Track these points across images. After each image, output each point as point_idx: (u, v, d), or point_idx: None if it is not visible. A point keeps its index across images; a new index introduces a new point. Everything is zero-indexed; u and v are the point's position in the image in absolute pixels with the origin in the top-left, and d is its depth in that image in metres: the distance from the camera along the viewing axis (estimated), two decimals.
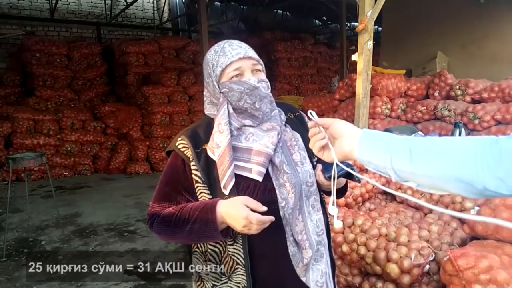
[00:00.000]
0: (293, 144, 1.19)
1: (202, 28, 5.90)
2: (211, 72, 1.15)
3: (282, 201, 1.13)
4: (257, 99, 1.13)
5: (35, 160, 4.04)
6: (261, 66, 1.18)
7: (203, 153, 1.14)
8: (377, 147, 0.82)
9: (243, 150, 1.13)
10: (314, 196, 1.20)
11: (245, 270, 1.12)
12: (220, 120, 1.13)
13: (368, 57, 3.35)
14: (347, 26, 11.96)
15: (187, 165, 1.16)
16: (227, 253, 1.15)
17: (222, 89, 1.14)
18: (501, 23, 5.09)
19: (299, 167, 1.17)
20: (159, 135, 8.05)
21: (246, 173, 1.12)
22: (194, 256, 1.23)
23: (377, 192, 2.92)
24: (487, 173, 0.68)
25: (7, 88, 8.07)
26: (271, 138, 1.14)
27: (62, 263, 4.02)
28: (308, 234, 1.16)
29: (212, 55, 1.16)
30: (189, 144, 1.15)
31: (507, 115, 3.35)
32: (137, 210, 5.32)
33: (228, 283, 1.16)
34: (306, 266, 1.16)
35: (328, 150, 0.93)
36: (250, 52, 1.14)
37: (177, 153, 1.18)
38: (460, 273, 1.67)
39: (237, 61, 1.12)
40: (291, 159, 1.17)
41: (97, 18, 10.40)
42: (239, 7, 12.27)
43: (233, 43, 1.16)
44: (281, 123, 1.20)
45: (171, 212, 1.14)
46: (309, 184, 1.18)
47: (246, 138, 1.15)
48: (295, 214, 1.14)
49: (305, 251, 1.15)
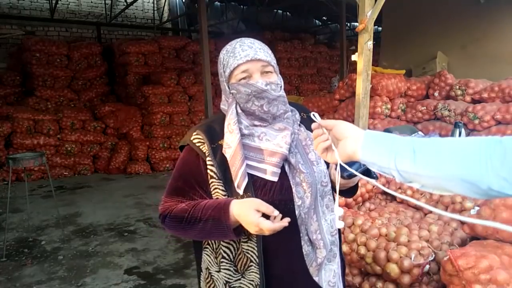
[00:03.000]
0: (308, 143, 1.19)
1: (202, 28, 5.90)
2: (222, 72, 1.16)
3: (298, 200, 1.13)
4: (265, 102, 1.12)
5: (35, 160, 4.04)
6: (273, 67, 1.15)
7: (219, 149, 1.13)
8: (380, 148, 0.82)
9: (257, 150, 1.13)
10: (329, 196, 1.20)
11: (258, 268, 1.11)
12: (229, 120, 1.13)
13: (368, 57, 3.35)
14: (347, 26, 11.95)
15: (202, 160, 1.15)
16: (241, 250, 1.14)
17: (231, 90, 1.14)
18: (501, 23, 5.09)
19: (315, 167, 1.16)
20: (159, 135, 8.05)
21: (260, 173, 1.11)
22: (205, 252, 1.22)
23: (377, 192, 2.92)
24: (491, 173, 0.68)
25: (7, 88, 8.08)
26: (285, 137, 1.13)
27: (62, 263, 4.05)
28: (323, 234, 1.16)
29: (224, 54, 1.16)
30: (205, 139, 1.15)
31: (507, 115, 3.35)
32: (137, 210, 5.32)
33: (241, 280, 1.15)
34: (319, 266, 1.16)
35: (331, 151, 0.93)
36: (260, 54, 1.12)
37: (191, 148, 1.17)
38: (460, 273, 1.67)
39: (245, 64, 1.11)
40: (307, 158, 1.17)
41: (97, 18, 10.40)
42: (239, 7, 12.26)
43: (244, 44, 1.14)
44: (296, 123, 1.20)
45: (184, 208, 1.14)
46: (324, 184, 1.18)
47: (259, 137, 1.14)
48: (310, 214, 1.14)
49: (319, 250, 1.15)
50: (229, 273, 1.16)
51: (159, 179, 7.25)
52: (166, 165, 7.95)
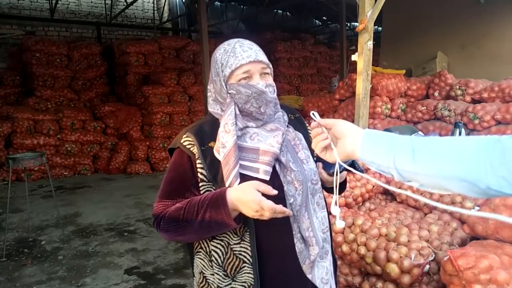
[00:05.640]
0: (297, 143, 1.20)
1: (202, 28, 5.90)
2: (219, 71, 1.15)
3: (290, 198, 1.13)
4: (263, 104, 1.13)
5: (35, 160, 4.04)
6: (270, 70, 1.17)
7: (209, 151, 1.14)
8: (380, 147, 0.82)
9: (249, 150, 1.13)
10: (319, 194, 1.22)
11: (252, 268, 1.11)
12: (227, 120, 1.12)
13: (368, 57, 3.35)
14: (347, 26, 11.96)
15: (193, 161, 1.15)
16: (231, 253, 1.14)
17: (229, 90, 1.14)
18: (501, 23, 5.09)
19: (305, 165, 1.18)
20: (159, 135, 8.05)
21: (253, 173, 1.12)
22: (198, 256, 1.21)
23: (377, 192, 2.92)
24: (490, 172, 0.68)
25: (7, 88, 8.08)
26: (276, 137, 1.14)
27: (62, 263, 4.05)
28: (314, 231, 1.17)
29: (222, 54, 1.15)
30: (195, 141, 1.15)
31: (507, 115, 3.34)
32: (137, 210, 5.32)
33: (232, 284, 1.15)
34: (312, 263, 1.17)
35: (330, 150, 0.94)
36: (260, 56, 1.14)
37: (182, 150, 1.16)
38: (460, 273, 1.67)
39: (247, 64, 1.11)
40: (296, 157, 1.18)
41: (97, 18, 10.40)
42: (239, 7, 12.27)
43: (244, 44, 1.15)
44: (285, 124, 1.21)
45: (179, 207, 1.13)
46: (314, 182, 1.20)
47: (251, 137, 1.15)
48: (302, 211, 1.16)
49: (312, 248, 1.16)
50: (219, 278, 1.16)
51: (159, 179, 7.23)
52: (166, 165, 7.94)
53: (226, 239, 1.14)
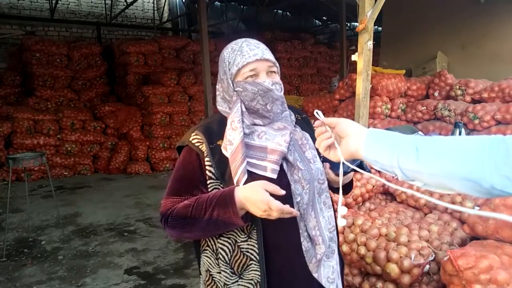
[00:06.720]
0: (304, 142, 1.21)
1: (202, 28, 5.90)
2: (227, 69, 1.16)
3: (297, 197, 1.14)
4: (269, 101, 1.15)
5: (35, 160, 4.05)
6: (277, 68, 1.19)
7: (218, 149, 1.15)
8: (383, 146, 0.82)
9: (257, 148, 1.14)
10: (326, 193, 1.22)
11: (259, 265, 1.12)
12: (234, 117, 1.13)
13: (368, 57, 3.34)
14: (347, 26, 11.95)
15: (202, 159, 1.16)
16: (238, 250, 1.14)
17: (236, 87, 1.15)
18: (501, 23, 5.09)
19: (312, 164, 1.19)
20: (159, 135, 8.05)
21: (260, 171, 1.12)
22: (204, 254, 1.22)
23: (377, 192, 2.92)
24: (494, 171, 0.68)
25: (7, 88, 8.08)
26: (284, 136, 1.15)
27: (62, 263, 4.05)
28: (321, 230, 1.18)
29: (229, 52, 1.17)
30: (203, 139, 1.16)
31: (507, 115, 3.34)
32: (137, 210, 5.32)
33: (239, 281, 1.15)
34: (318, 262, 1.18)
35: (334, 149, 0.94)
36: (267, 54, 1.16)
37: (190, 148, 1.18)
38: (460, 273, 1.67)
39: (254, 62, 1.13)
40: (303, 156, 1.19)
41: (97, 18, 10.40)
42: (239, 7, 12.26)
43: (251, 43, 1.17)
44: (292, 123, 1.22)
45: (187, 204, 1.14)
46: (321, 182, 1.20)
47: (259, 136, 1.16)
48: (309, 210, 1.16)
49: (318, 246, 1.17)
50: (226, 275, 1.16)
51: (159, 179, 7.25)
52: (166, 165, 7.95)
53: (233, 236, 1.15)
